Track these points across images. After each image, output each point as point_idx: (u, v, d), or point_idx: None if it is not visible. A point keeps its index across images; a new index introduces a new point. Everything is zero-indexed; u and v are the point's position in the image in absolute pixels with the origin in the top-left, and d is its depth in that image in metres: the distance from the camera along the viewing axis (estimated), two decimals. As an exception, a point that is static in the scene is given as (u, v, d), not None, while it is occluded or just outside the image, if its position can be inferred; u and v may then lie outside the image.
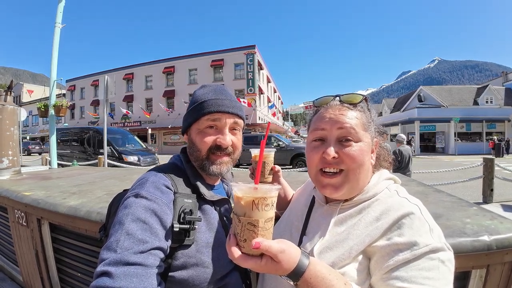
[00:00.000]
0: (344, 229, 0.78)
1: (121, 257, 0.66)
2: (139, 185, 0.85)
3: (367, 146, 0.80)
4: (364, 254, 0.72)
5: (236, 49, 31.09)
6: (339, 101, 0.84)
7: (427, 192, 1.90)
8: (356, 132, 0.78)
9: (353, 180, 0.79)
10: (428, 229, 0.68)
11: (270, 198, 0.62)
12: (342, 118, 0.79)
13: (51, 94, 6.28)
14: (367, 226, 0.75)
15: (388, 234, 0.71)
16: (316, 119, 0.86)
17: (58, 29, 6.17)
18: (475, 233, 1.12)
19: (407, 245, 0.66)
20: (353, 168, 0.77)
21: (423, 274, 0.62)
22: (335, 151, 0.77)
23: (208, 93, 0.97)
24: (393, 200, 0.78)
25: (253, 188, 0.62)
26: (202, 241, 0.88)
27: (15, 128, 3.38)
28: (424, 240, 0.66)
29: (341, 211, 0.82)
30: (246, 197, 0.62)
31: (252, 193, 0.61)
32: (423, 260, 0.64)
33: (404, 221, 0.70)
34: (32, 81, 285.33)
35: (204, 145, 0.94)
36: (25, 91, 42.84)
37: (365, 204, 0.80)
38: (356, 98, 0.83)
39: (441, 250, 0.65)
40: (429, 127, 28.27)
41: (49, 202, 1.93)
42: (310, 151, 0.85)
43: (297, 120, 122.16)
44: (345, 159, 0.77)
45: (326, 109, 0.84)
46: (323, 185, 0.81)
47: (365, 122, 0.82)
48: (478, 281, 1.16)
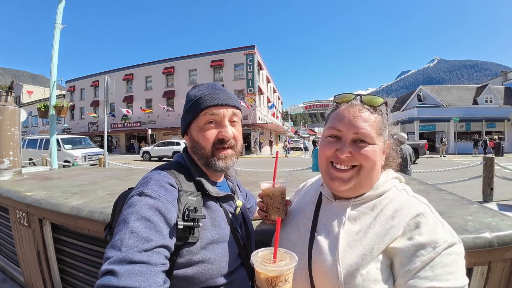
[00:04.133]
0: (359, 228, 0.79)
1: (126, 255, 0.66)
2: (143, 183, 0.86)
3: (379, 148, 0.82)
4: (384, 254, 0.73)
5: (236, 49, 31.04)
6: (360, 101, 0.85)
7: (428, 191, 1.90)
8: (371, 136, 0.80)
9: (362, 177, 0.81)
10: (441, 226, 0.72)
11: (283, 275, 0.67)
12: (359, 122, 0.80)
13: (51, 94, 6.28)
14: (383, 224, 0.76)
15: (407, 233, 0.73)
16: (335, 116, 0.87)
17: (58, 30, 6.17)
18: (476, 230, 1.13)
19: (429, 244, 0.69)
20: (365, 166, 0.80)
21: (447, 270, 0.66)
22: (348, 151, 0.80)
23: (202, 90, 0.98)
24: (404, 199, 0.81)
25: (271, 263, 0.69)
26: (207, 238, 0.88)
27: (16, 128, 3.38)
28: (442, 236, 0.69)
29: (353, 207, 0.84)
30: (259, 274, 0.68)
31: (265, 271, 0.67)
32: (444, 256, 0.67)
33: (419, 220, 0.73)
34: (32, 82, 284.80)
35: (207, 141, 0.95)
36: (25, 92, 42.86)
37: (376, 201, 0.83)
38: (377, 101, 0.85)
39: (455, 244, 0.69)
40: (428, 127, 28.25)
41: (51, 202, 1.93)
42: (324, 145, 0.87)
43: (297, 120, 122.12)
44: (358, 157, 0.80)
45: (346, 108, 0.85)
46: (332, 177, 0.83)
47: (381, 126, 0.83)
48: (480, 278, 1.16)
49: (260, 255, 0.72)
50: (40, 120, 43.42)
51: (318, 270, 0.78)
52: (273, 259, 0.70)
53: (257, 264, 0.68)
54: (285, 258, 0.71)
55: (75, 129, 39.23)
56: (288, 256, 0.72)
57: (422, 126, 27.97)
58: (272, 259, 0.70)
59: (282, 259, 0.71)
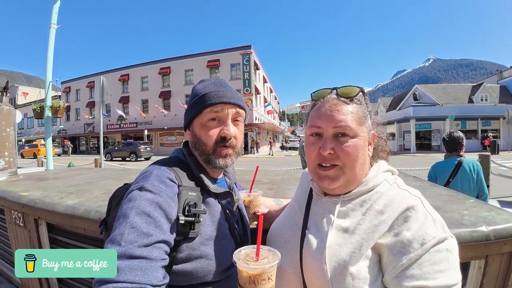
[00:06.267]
0: (349, 224, 0.77)
1: (126, 250, 0.66)
2: (143, 178, 0.85)
3: (362, 140, 0.80)
4: (373, 250, 0.72)
5: (232, 49, 31.00)
6: (336, 95, 0.84)
7: (424, 187, 1.91)
8: (351, 128, 0.78)
9: (348, 174, 0.79)
10: (432, 220, 0.70)
11: (266, 273, 0.66)
12: (337, 115, 0.79)
13: (47, 95, 6.23)
14: (372, 220, 0.75)
15: (395, 228, 0.71)
16: (313, 114, 0.86)
17: (54, 30, 6.13)
18: (473, 224, 1.13)
19: (417, 240, 0.67)
20: (347, 164, 0.78)
21: (435, 268, 0.64)
22: (330, 147, 0.78)
23: (208, 86, 0.98)
24: (395, 193, 0.79)
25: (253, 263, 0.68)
26: (206, 233, 0.88)
27: (11, 129, 3.36)
28: (431, 232, 0.67)
29: (342, 204, 0.82)
30: (242, 272, 0.67)
31: (247, 269, 0.66)
32: (433, 253, 0.65)
33: (409, 214, 0.71)
34: (27, 83, 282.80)
35: (209, 139, 0.95)
36: (20, 94, 42.50)
37: (365, 197, 0.81)
38: (352, 91, 0.83)
39: (445, 239, 0.67)
40: (424, 125, 28.42)
41: (46, 202, 1.92)
42: (308, 146, 0.86)
43: (294, 120, 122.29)
44: (340, 155, 0.78)
45: (322, 103, 0.84)
46: (320, 177, 0.82)
47: (361, 116, 0.82)
48: (477, 272, 1.17)
49: (242, 253, 0.71)
50: (35, 122, 43.13)
51: (308, 269, 0.77)
52: (255, 257, 0.70)
53: (239, 262, 0.67)
54: (267, 256, 0.70)
55: (71, 130, 39.00)
56: (271, 253, 0.71)
57: (418, 124, 28.10)
58: (255, 257, 0.70)
59: (265, 257, 0.70)
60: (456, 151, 2.92)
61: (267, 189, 2.23)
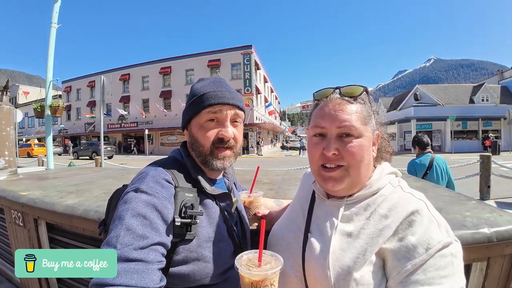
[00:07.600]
0: (353, 228, 0.76)
1: (121, 253, 0.65)
2: (139, 179, 0.84)
3: (367, 140, 0.79)
4: (377, 255, 0.71)
5: (233, 49, 30.97)
6: (339, 94, 0.82)
7: (425, 187, 1.90)
8: (356, 128, 0.76)
9: (353, 175, 0.78)
10: (437, 224, 0.69)
11: (268, 279, 0.65)
12: (341, 115, 0.77)
13: (47, 94, 6.24)
14: (376, 224, 0.73)
15: (399, 232, 0.70)
16: (316, 114, 0.84)
17: (54, 29, 6.13)
18: (475, 226, 1.12)
19: (422, 245, 0.66)
20: (352, 164, 0.76)
21: (440, 273, 0.63)
22: (335, 148, 0.76)
23: (207, 85, 0.96)
24: (399, 196, 0.78)
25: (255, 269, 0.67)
26: (204, 235, 0.87)
27: (11, 128, 3.36)
28: (436, 236, 0.66)
29: (346, 207, 0.81)
30: (244, 278, 0.66)
31: (250, 275, 0.65)
32: (438, 258, 0.64)
33: (414, 218, 0.70)
34: (28, 83, 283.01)
35: (207, 140, 0.93)
36: (21, 93, 42.65)
37: (370, 200, 0.79)
38: (356, 91, 0.81)
39: (450, 243, 0.66)
40: (425, 126, 28.35)
41: (46, 202, 1.91)
42: (311, 147, 0.84)
43: (294, 120, 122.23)
44: (345, 156, 0.76)
45: (326, 103, 0.82)
46: (325, 178, 0.80)
47: (365, 115, 0.80)
48: (479, 274, 1.16)
49: (244, 258, 0.70)
50: (36, 121, 43.13)
51: (311, 274, 0.76)
52: (258, 262, 0.69)
53: (241, 268, 0.66)
54: (270, 261, 0.69)
55: (72, 129, 39.03)
56: (274, 259, 0.70)
57: (419, 125, 28.05)
58: (257, 263, 0.69)
59: (268, 262, 0.69)
60: (426, 149, 3.61)
61: (267, 189, 2.21)
